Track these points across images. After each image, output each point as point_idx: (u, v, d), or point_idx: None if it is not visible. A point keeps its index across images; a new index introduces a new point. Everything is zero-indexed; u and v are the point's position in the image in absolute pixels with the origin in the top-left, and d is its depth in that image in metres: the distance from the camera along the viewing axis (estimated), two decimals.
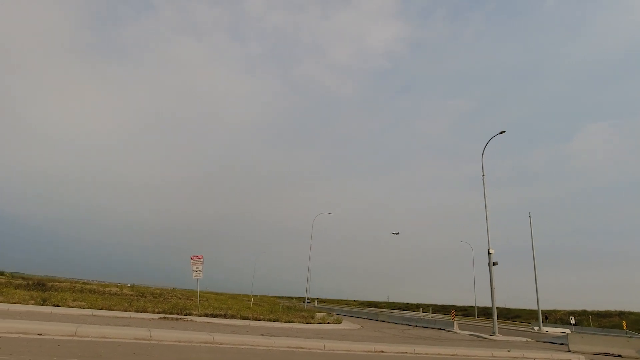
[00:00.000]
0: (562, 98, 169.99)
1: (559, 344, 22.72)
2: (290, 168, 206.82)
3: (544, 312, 47.23)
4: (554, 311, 61.43)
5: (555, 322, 53.80)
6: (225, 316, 19.23)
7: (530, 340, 24.80)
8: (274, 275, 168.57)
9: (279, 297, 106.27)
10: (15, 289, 21.00)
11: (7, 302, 14.97)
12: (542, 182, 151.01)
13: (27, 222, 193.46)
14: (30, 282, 27.27)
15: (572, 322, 43.19)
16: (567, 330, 36.42)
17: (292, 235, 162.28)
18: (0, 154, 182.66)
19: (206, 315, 18.58)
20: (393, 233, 55.70)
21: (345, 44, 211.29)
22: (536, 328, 38.95)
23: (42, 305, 15.58)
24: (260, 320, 19.57)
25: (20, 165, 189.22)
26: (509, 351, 15.76)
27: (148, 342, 9.92)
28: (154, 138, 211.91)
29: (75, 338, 9.30)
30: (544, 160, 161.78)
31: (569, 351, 18.53)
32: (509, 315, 67.70)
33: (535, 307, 42.51)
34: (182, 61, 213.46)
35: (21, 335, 8.88)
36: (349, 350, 12.43)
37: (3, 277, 37.99)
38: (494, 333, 25.40)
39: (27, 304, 15.47)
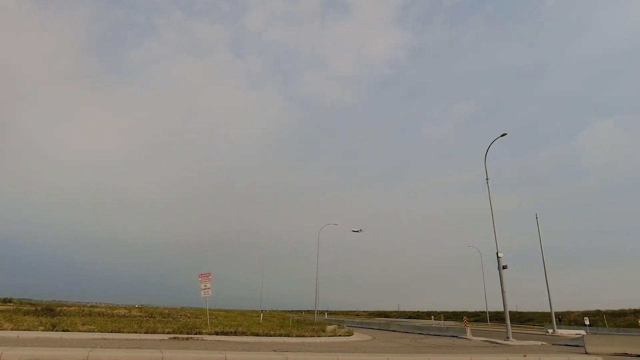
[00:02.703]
0: (566, 97, 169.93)
1: (574, 345, 22.34)
2: (296, 181, 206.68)
3: (557, 314, 46.56)
4: (568, 312, 60.61)
5: (570, 324, 53.03)
6: (235, 333, 19.07)
7: (545, 343, 24.41)
8: (282, 290, 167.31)
9: (288, 311, 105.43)
10: (24, 315, 20.95)
11: (17, 329, 14.93)
12: (551, 182, 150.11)
13: (32, 247, 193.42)
14: (38, 308, 27.19)
15: (587, 323, 42.53)
16: (582, 332, 35.79)
17: (299, 248, 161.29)
18: (8, 180, 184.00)
19: (216, 334, 18.42)
20: (354, 230, 53.09)
21: (346, 54, 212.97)
22: (550, 331, 38.40)
23: (52, 330, 15.52)
24: (271, 335, 19.37)
25: (27, 190, 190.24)
26: (524, 356, 15.52)
27: None
28: (159, 158, 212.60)
29: None
30: (551, 160, 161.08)
31: (586, 353, 18.22)
32: (522, 318, 66.79)
33: (548, 310, 41.98)
34: (185, 81, 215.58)
35: None
36: None
37: (11, 304, 37.98)
38: (508, 338, 25.05)
39: (37, 330, 15.40)
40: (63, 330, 15.62)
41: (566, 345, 23.39)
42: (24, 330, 15.03)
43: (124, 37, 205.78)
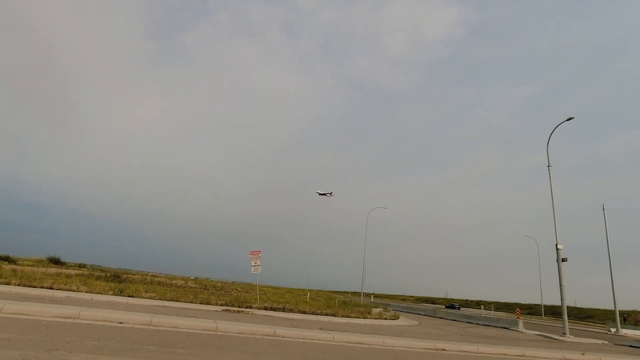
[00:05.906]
0: None
1: None
2: (345, 163, 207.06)
3: (621, 313, 43.31)
4: (634, 312, 56.16)
5: (636, 324, 49.18)
6: (283, 310, 19.77)
7: (606, 342, 22.92)
8: (329, 271, 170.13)
9: (335, 292, 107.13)
10: (96, 280, 23.06)
11: (91, 292, 16.52)
12: (621, 172, 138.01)
13: (102, 219, 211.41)
14: (107, 274, 29.83)
15: None
16: None
17: (348, 231, 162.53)
18: (81, 159, 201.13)
19: (265, 309, 19.22)
20: (320, 193, 48.96)
21: (400, 34, 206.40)
22: (613, 330, 35.86)
23: (120, 295, 17.01)
24: (317, 314, 19.88)
25: (98, 167, 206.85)
26: (583, 354, 14.70)
27: (214, 333, 10.48)
28: (216, 139, 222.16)
29: (150, 327, 10.06)
30: (622, 149, 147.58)
31: None
32: (580, 315, 63.01)
33: (611, 307, 39.09)
34: (239, 62, 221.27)
35: (105, 323, 9.77)
36: (408, 347, 12.26)
37: (85, 269, 41.90)
38: (564, 334, 23.81)
39: (107, 294, 16.95)
40: (129, 296, 17.07)
41: (631, 346, 21.79)
42: (97, 293, 16.59)
43: (180, 21, 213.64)
